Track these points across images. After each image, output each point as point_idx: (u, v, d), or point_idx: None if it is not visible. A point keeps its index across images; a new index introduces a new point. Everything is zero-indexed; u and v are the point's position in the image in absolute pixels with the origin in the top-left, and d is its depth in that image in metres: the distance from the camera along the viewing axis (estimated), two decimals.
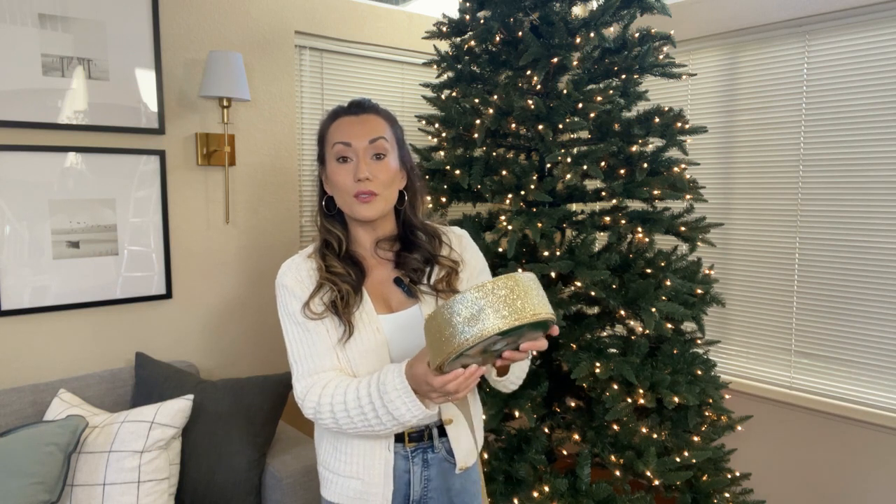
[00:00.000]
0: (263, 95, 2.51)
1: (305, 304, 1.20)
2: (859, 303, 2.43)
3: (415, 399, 1.06)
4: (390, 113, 1.27)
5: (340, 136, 1.19)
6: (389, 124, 1.24)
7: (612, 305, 2.03)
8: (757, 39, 2.66)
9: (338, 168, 1.19)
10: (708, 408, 2.15)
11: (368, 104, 1.25)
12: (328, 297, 1.20)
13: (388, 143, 1.21)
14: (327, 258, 1.23)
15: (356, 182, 1.17)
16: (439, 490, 1.28)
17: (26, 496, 1.56)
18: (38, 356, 2.10)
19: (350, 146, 1.18)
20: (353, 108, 1.24)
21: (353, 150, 1.18)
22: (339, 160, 1.19)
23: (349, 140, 1.18)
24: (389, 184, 1.21)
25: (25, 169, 2.03)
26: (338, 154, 1.19)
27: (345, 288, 1.19)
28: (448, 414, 1.25)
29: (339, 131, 1.20)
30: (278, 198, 2.57)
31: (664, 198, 2.10)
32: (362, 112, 1.22)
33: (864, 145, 2.38)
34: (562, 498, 1.93)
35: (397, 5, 2.90)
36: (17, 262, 2.03)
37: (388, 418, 1.09)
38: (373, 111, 1.24)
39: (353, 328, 1.19)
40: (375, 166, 1.19)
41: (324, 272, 1.21)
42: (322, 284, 1.20)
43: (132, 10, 2.18)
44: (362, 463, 1.23)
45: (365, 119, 1.21)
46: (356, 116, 1.21)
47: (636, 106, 2.21)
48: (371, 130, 1.19)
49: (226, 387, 2.04)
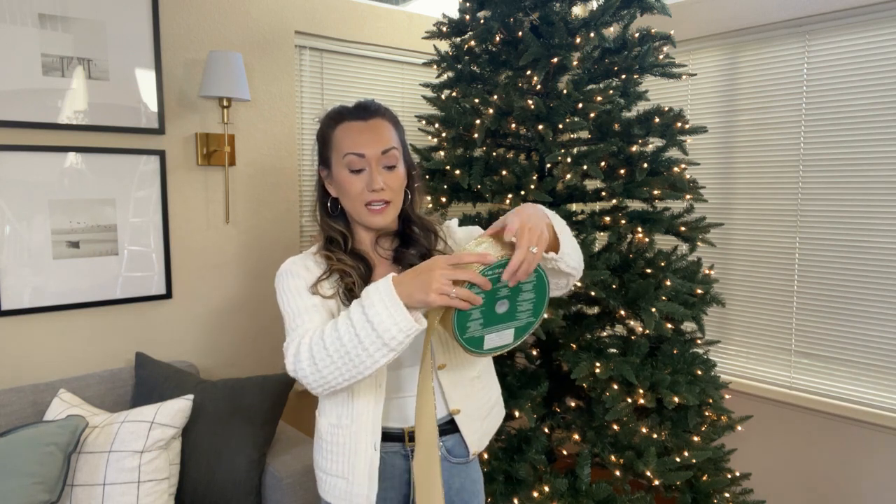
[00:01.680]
0: (263, 95, 2.51)
1: (315, 284, 1.17)
2: (859, 303, 2.43)
3: (399, 305, 0.97)
4: (393, 113, 1.26)
5: (352, 147, 1.17)
6: (395, 127, 1.23)
7: (612, 305, 2.03)
8: (757, 39, 2.66)
9: (350, 178, 1.18)
10: (708, 408, 2.15)
11: (374, 106, 1.22)
12: (340, 285, 1.19)
13: (398, 150, 1.20)
14: (334, 253, 1.22)
15: (370, 192, 1.16)
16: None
17: (26, 496, 1.56)
18: (38, 356, 2.10)
19: (364, 157, 1.16)
20: (360, 111, 1.21)
21: (366, 161, 1.17)
22: (352, 171, 1.18)
23: (362, 151, 1.16)
24: (399, 191, 1.21)
25: (25, 169, 2.03)
26: (350, 165, 1.17)
27: (357, 278, 1.18)
28: (455, 405, 1.25)
29: (349, 140, 1.18)
30: (278, 198, 2.57)
31: (664, 198, 2.10)
32: (370, 117, 1.20)
33: (864, 145, 2.38)
34: (562, 498, 1.93)
35: (397, 5, 2.90)
36: (17, 262, 2.03)
37: (367, 334, 0.97)
38: (379, 115, 1.21)
39: None
40: (388, 176, 1.18)
41: (333, 261, 1.20)
42: (332, 272, 1.19)
43: (132, 10, 2.18)
44: (347, 462, 1.22)
45: (374, 126, 1.19)
46: (364, 122, 1.19)
47: (636, 106, 2.21)
48: (382, 139, 1.18)
49: (226, 387, 2.04)
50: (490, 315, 1.04)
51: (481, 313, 1.03)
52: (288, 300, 1.16)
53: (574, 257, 1.14)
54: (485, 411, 1.31)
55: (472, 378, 1.27)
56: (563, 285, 1.19)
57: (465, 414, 1.26)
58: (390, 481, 1.25)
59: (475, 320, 1.02)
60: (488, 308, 1.03)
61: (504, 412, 1.41)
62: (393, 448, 1.25)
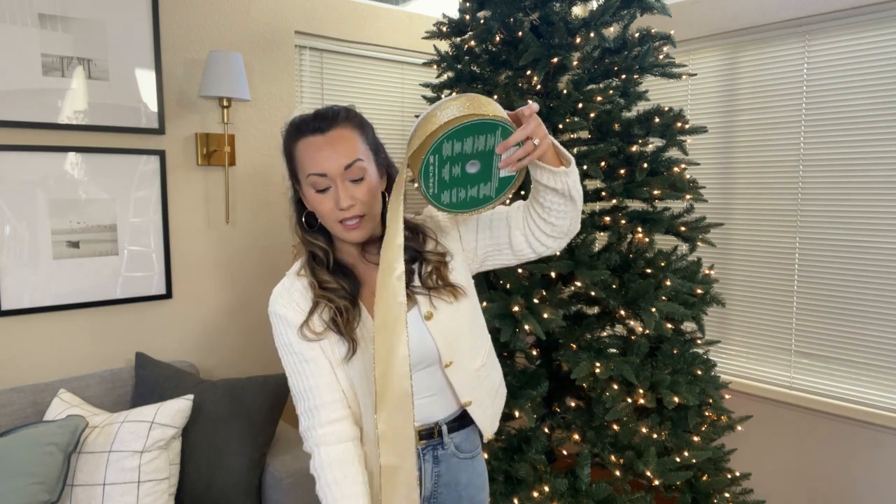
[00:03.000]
0: (263, 95, 2.51)
1: (304, 324, 1.17)
2: (859, 303, 2.43)
3: None
4: (357, 115, 1.17)
5: (313, 167, 1.10)
6: (360, 133, 1.14)
7: (612, 305, 2.03)
8: (757, 39, 2.66)
9: (317, 198, 1.12)
10: (708, 408, 2.15)
11: (333, 114, 1.13)
12: (327, 314, 1.17)
13: (364, 160, 1.12)
14: (317, 272, 1.19)
15: (339, 210, 1.11)
16: (449, 485, 1.30)
17: (26, 496, 1.56)
18: (38, 356, 2.10)
19: (326, 176, 1.10)
20: (318, 122, 1.12)
21: (329, 180, 1.10)
22: (318, 191, 1.12)
23: (323, 171, 1.09)
24: (373, 201, 1.14)
25: (25, 169, 2.03)
26: (314, 185, 1.11)
27: (342, 304, 1.16)
28: (466, 397, 1.26)
29: (309, 158, 1.11)
30: (278, 197, 2.57)
31: (664, 198, 2.10)
32: (328, 127, 1.11)
33: (864, 145, 2.38)
34: (562, 498, 1.93)
35: (397, 5, 2.90)
36: (17, 262, 2.03)
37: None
38: (338, 123, 1.12)
39: (356, 345, 1.17)
40: (355, 189, 1.11)
41: (317, 289, 1.17)
42: (318, 302, 1.17)
43: (132, 10, 2.18)
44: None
45: (333, 138, 1.10)
46: (323, 135, 1.10)
47: (636, 106, 2.21)
48: (343, 153, 1.10)
49: (226, 387, 2.04)
50: (463, 178, 1.04)
51: (449, 181, 1.03)
52: (285, 360, 1.20)
53: (577, 181, 1.11)
54: (492, 394, 1.33)
55: (477, 368, 1.28)
56: (561, 213, 1.13)
57: (476, 404, 1.28)
58: None
59: (440, 177, 1.02)
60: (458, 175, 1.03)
61: (506, 390, 1.42)
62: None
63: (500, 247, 1.22)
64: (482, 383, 1.29)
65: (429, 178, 1.02)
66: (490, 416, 1.32)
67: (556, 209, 1.12)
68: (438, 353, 1.21)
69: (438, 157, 0.99)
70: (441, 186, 1.03)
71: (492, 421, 1.33)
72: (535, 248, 1.20)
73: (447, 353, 1.21)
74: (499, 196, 1.08)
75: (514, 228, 1.20)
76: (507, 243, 1.21)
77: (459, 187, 1.04)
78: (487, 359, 1.32)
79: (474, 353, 1.27)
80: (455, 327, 1.22)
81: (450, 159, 1.00)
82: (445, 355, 1.21)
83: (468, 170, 1.03)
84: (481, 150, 1.01)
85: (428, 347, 1.20)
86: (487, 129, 0.99)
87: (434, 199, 1.04)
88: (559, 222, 1.14)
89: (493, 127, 0.99)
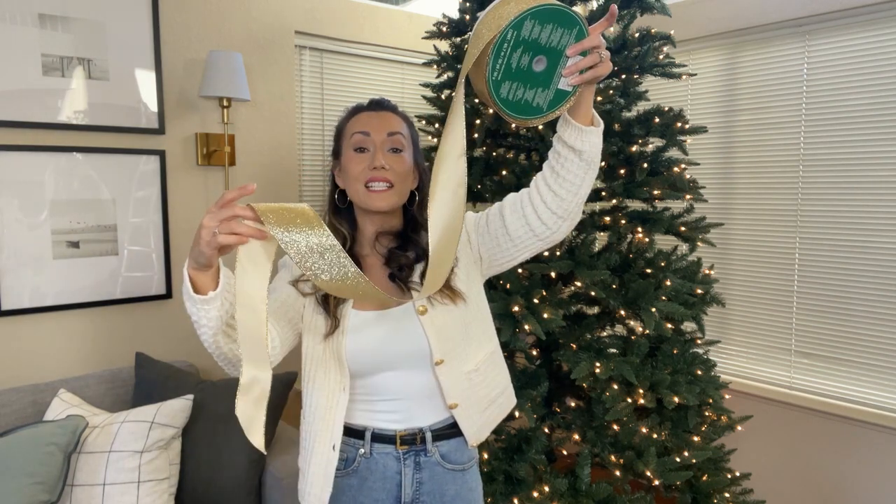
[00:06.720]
0: (263, 95, 2.51)
1: (297, 280, 1.22)
2: (859, 303, 2.43)
3: (185, 279, 0.99)
4: (408, 115, 1.31)
5: (359, 127, 1.22)
6: (407, 124, 1.27)
7: (612, 305, 2.03)
8: (757, 39, 2.66)
9: (354, 156, 1.21)
10: (708, 408, 2.15)
11: (388, 103, 1.28)
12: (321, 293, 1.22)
13: (405, 139, 1.24)
14: None
15: (371, 170, 1.19)
16: (432, 494, 1.27)
17: (26, 496, 1.57)
18: (38, 356, 2.10)
19: (369, 136, 1.21)
20: (373, 105, 1.27)
21: (371, 141, 1.21)
22: (357, 150, 1.21)
23: (368, 130, 1.21)
24: (404, 178, 1.22)
25: (25, 169, 2.03)
26: (356, 144, 1.21)
27: None
28: (452, 399, 1.25)
29: (357, 122, 1.24)
30: (278, 198, 2.57)
31: (664, 198, 2.10)
32: (382, 109, 1.26)
33: (864, 145, 2.38)
34: (562, 498, 1.93)
35: (397, 5, 2.90)
36: (17, 262, 2.03)
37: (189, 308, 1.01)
38: (392, 110, 1.27)
39: (338, 322, 1.20)
40: (392, 158, 1.21)
41: None
42: None
43: (132, 10, 2.18)
44: (305, 458, 1.24)
45: (384, 115, 1.25)
46: (376, 112, 1.25)
47: (636, 106, 2.21)
48: (389, 125, 1.23)
49: (226, 387, 2.04)
50: (527, 74, 0.99)
51: (515, 71, 0.98)
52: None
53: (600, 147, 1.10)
54: (485, 403, 1.30)
55: (468, 372, 1.26)
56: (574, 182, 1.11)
57: (462, 407, 1.26)
58: (381, 483, 1.25)
59: (508, 62, 0.98)
60: (524, 66, 0.98)
61: (515, 400, 1.39)
62: (385, 450, 1.24)
63: (498, 238, 1.21)
64: (473, 388, 1.27)
65: (499, 58, 0.97)
66: (477, 423, 1.29)
67: (570, 178, 1.09)
68: (430, 349, 1.20)
69: (516, 36, 0.95)
70: (506, 74, 0.99)
71: (479, 429, 1.30)
72: (532, 226, 1.16)
73: (438, 351, 1.21)
74: (548, 111, 1.03)
75: (508, 214, 1.18)
76: (503, 229, 1.19)
77: (520, 83, 1.00)
78: (483, 366, 1.30)
79: (468, 355, 1.26)
80: (448, 326, 1.21)
81: (524, 43, 0.96)
82: (437, 352, 1.21)
83: (534, 67, 0.99)
84: (554, 45, 0.98)
85: (419, 342, 1.19)
86: (567, 23, 0.96)
87: (494, 86, 0.99)
88: (567, 195, 1.11)
89: (574, 23, 0.97)
